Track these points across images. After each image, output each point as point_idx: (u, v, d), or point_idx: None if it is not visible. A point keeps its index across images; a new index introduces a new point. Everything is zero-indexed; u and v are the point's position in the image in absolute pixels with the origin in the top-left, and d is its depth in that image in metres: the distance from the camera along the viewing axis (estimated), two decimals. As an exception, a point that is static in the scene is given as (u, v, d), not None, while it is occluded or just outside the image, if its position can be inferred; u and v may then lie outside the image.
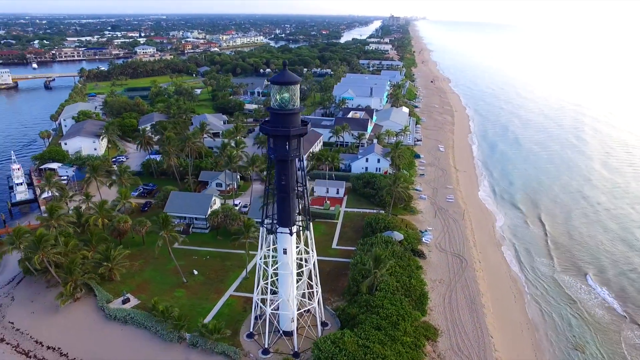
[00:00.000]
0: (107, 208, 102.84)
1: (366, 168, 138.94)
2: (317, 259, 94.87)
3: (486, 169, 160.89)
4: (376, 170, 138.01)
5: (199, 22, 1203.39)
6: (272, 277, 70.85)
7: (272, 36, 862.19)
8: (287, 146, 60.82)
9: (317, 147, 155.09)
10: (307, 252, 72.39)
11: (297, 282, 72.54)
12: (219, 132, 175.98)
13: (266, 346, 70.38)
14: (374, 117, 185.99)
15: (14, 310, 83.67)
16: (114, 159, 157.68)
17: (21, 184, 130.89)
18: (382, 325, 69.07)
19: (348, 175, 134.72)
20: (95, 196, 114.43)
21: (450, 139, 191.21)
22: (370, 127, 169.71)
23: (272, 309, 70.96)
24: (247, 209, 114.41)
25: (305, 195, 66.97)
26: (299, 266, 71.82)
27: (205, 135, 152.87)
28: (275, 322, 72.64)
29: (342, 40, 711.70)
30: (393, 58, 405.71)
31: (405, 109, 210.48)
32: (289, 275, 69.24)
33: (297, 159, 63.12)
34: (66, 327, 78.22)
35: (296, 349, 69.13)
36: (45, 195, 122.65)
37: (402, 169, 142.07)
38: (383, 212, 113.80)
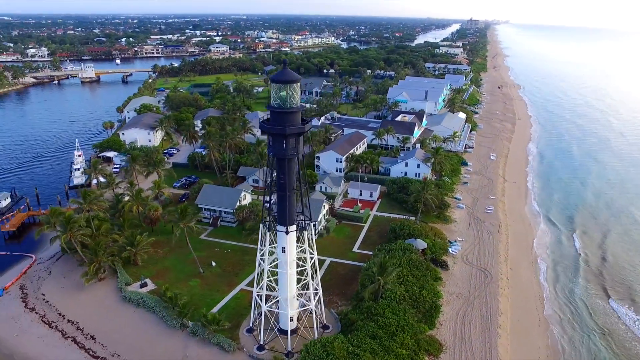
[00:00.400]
0: (142, 196, 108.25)
1: (405, 173, 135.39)
2: (335, 261, 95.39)
3: (539, 182, 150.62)
4: (415, 176, 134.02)
5: (277, 22, 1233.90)
6: (268, 276, 70.89)
7: (344, 37, 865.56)
8: (284, 144, 60.72)
9: (360, 148, 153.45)
10: (310, 252, 71.72)
11: (298, 282, 72.19)
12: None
13: (262, 342, 70.79)
14: (424, 122, 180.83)
15: (48, 283, 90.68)
16: (165, 151, 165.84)
17: (79, 169, 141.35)
18: (378, 335, 66.94)
19: (384, 179, 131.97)
20: (137, 185, 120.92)
21: (506, 147, 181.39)
22: (417, 132, 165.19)
23: (270, 307, 71.16)
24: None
25: (306, 195, 66.52)
26: (299, 265, 71.39)
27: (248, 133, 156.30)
28: (273, 319, 72.76)
29: (415, 43, 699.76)
30: (461, 62, 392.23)
31: (462, 115, 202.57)
32: (289, 273, 69.12)
33: (296, 158, 62.84)
34: (86, 304, 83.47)
35: (289, 349, 68.80)
36: (95, 180, 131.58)
37: (445, 176, 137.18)
38: (413, 218, 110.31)
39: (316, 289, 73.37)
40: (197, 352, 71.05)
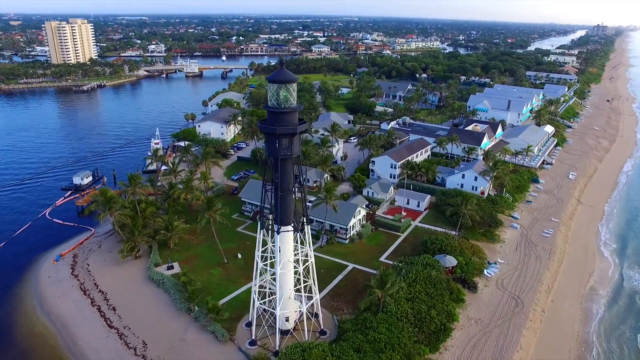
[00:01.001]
0: (191, 186, 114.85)
1: (462, 185, 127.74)
2: (357, 268, 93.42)
3: (623, 209, 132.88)
4: (472, 189, 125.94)
5: (387, 25, 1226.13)
6: (261, 273, 71.43)
7: (451, 42, 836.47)
8: (276, 144, 60.88)
9: (421, 156, 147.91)
10: (303, 254, 71.18)
11: (298, 283, 71.90)
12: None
13: (254, 337, 71.73)
14: (499, 133, 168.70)
15: (94, 255, 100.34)
16: (235, 145, 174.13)
17: (150, 155, 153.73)
18: (364, 348, 64.29)
19: (436, 189, 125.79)
20: (195, 173, 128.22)
21: (593, 166, 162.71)
22: (487, 143, 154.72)
23: (263, 304, 71.81)
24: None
25: (304, 195, 66.05)
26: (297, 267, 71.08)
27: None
28: (271, 317, 73.24)
29: (527, 50, 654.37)
30: (569, 72, 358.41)
31: (549, 128, 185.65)
32: (283, 273, 69.20)
33: (291, 159, 62.64)
34: (118, 278, 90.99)
35: (277, 348, 68.79)
36: (164, 167, 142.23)
37: (506, 192, 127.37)
38: (454, 233, 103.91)
39: (309, 293, 72.44)
40: (194, 337, 74.03)
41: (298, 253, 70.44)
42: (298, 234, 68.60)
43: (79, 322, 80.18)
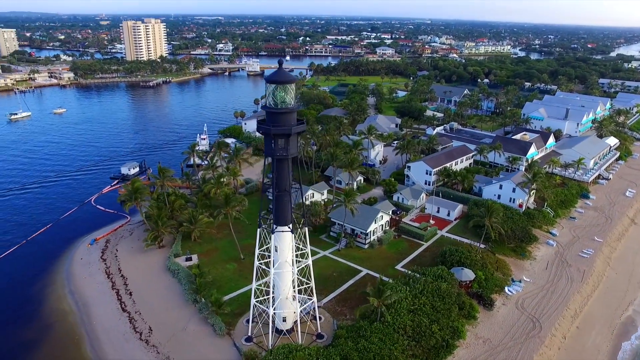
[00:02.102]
0: (222, 181, 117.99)
1: (498, 196, 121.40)
2: (370, 274, 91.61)
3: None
4: (509, 201, 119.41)
5: (458, 28, 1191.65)
6: (259, 272, 71.76)
7: (525, 46, 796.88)
8: (272, 144, 61.11)
9: (461, 163, 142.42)
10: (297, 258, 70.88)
11: (296, 286, 71.73)
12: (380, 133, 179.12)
13: (250, 334, 72.48)
14: (550, 143, 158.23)
15: (124, 242, 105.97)
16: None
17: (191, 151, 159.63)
18: (352, 357, 62.94)
19: (470, 199, 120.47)
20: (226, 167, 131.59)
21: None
22: (534, 153, 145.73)
23: (257, 300, 72.25)
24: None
25: (301, 196, 65.78)
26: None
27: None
28: (266, 315, 73.61)
29: (609, 55, 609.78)
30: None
31: (612, 140, 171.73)
32: (280, 273, 69.35)
33: (287, 159, 62.59)
34: (139, 265, 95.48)
35: (270, 347, 68.99)
36: (204, 162, 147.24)
37: (548, 207, 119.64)
38: (482, 245, 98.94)
39: (310, 295, 71.94)
40: (195, 327, 76.09)
41: (298, 254, 70.23)
42: (298, 234, 68.30)
43: (97, 302, 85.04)
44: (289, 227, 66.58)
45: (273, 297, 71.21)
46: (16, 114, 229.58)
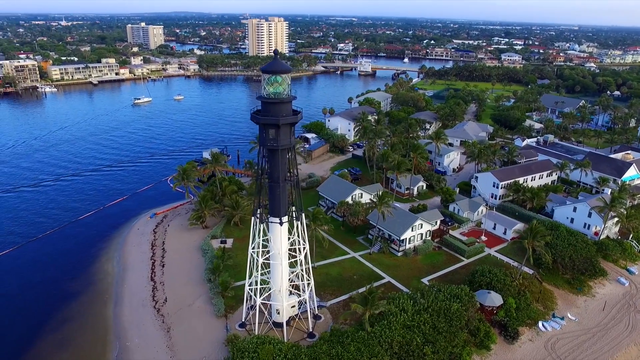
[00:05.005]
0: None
1: (572, 219, 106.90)
2: (391, 282, 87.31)
3: None
4: (584, 227, 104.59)
5: (610, 35, 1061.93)
6: (255, 264, 72.02)
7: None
8: (264, 134, 61.35)
9: (543, 179, 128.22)
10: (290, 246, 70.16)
11: (290, 276, 71.31)
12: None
13: (243, 320, 73.80)
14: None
15: (177, 218, 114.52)
16: (357, 143, 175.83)
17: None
18: (322, 360, 60.74)
19: (535, 218, 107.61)
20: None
21: None
22: (634, 176, 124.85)
23: (250, 286, 72.92)
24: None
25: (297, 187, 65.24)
26: (291, 257, 70.69)
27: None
28: (261, 305, 74.16)
29: None
30: None
31: None
32: (277, 265, 69.50)
33: (280, 150, 62.27)
34: (180, 241, 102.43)
35: (256, 333, 69.51)
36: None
37: (633, 238, 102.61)
38: (530, 271, 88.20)
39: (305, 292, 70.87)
40: (200, 305, 79.65)
41: (292, 242, 69.90)
42: (295, 225, 68.11)
43: (134, 269, 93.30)
44: (281, 220, 66.20)
45: (262, 287, 71.53)
46: (139, 99, 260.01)
